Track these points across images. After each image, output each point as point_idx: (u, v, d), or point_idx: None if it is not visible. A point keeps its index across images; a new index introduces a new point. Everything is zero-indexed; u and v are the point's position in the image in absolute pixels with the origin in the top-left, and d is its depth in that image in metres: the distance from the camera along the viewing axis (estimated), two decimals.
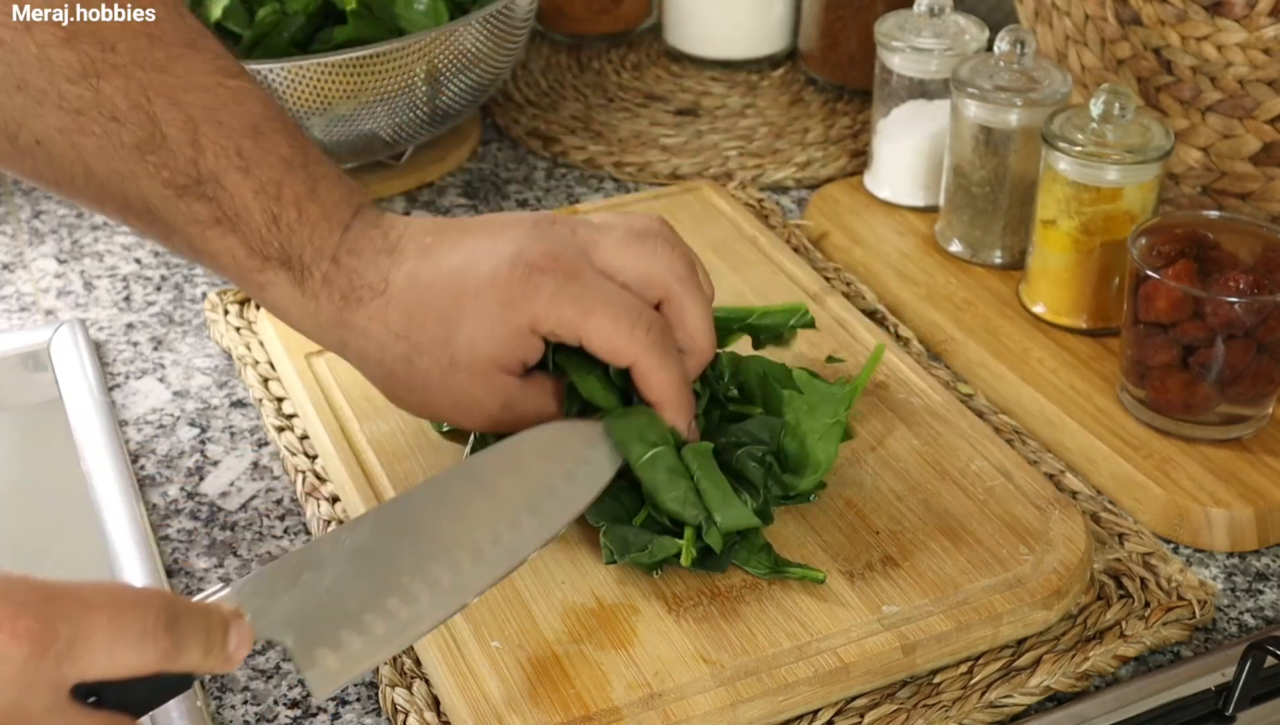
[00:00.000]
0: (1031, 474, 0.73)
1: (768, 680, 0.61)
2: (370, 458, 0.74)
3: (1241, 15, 0.85)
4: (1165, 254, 0.77)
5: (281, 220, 0.65)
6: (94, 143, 0.64)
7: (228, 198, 0.64)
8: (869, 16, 1.12)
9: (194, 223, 0.65)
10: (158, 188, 0.64)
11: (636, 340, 0.64)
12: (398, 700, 0.63)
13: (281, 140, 0.66)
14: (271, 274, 0.65)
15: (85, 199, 0.67)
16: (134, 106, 0.64)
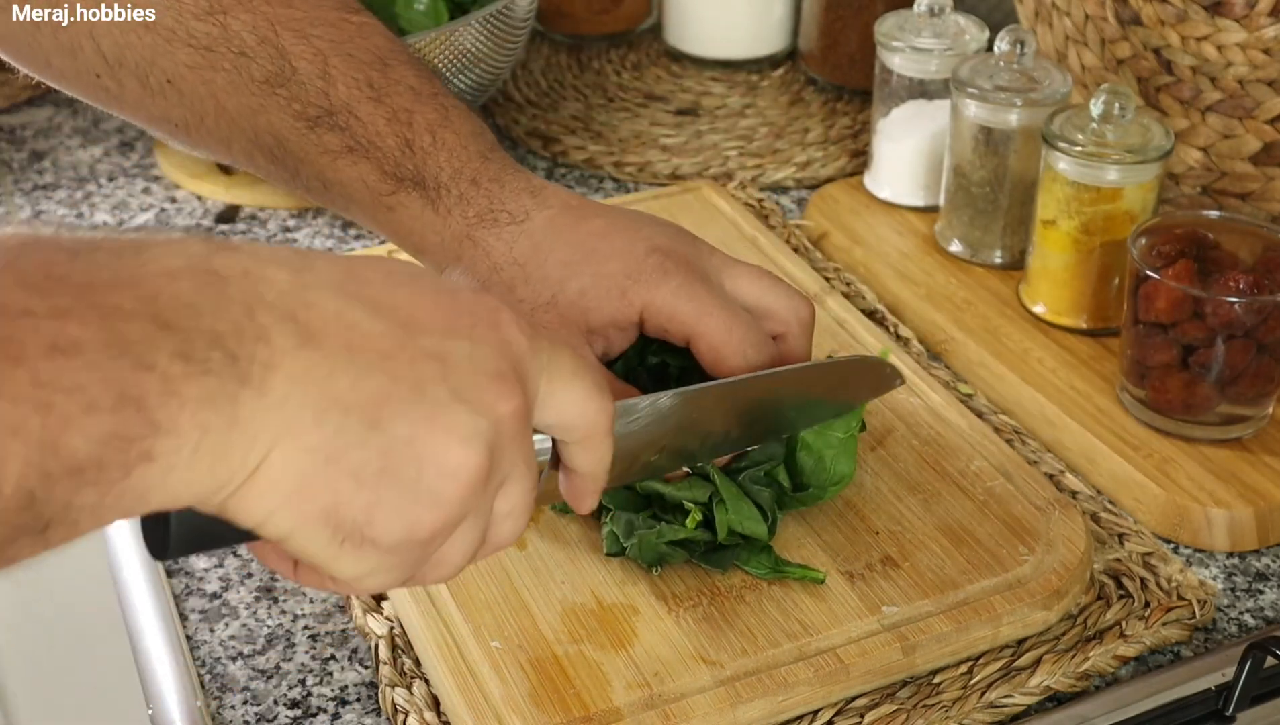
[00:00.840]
0: (1031, 474, 0.73)
1: (767, 680, 0.61)
2: None
3: (1241, 15, 0.85)
4: (1165, 254, 0.77)
5: (415, 145, 0.66)
6: (224, 78, 0.65)
7: (360, 126, 0.65)
8: (869, 16, 1.12)
9: (325, 153, 0.66)
10: (289, 120, 0.65)
11: (743, 355, 0.65)
12: (398, 700, 0.63)
13: (409, 72, 0.67)
14: (404, 196, 0.66)
15: (214, 139, 0.68)
16: (262, 41, 0.65)
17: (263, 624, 0.69)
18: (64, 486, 0.37)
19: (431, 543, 0.46)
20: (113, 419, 0.38)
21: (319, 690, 0.65)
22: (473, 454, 0.45)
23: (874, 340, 0.83)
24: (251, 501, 0.42)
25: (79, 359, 0.37)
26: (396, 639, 0.66)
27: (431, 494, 0.45)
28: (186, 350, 0.39)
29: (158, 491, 0.40)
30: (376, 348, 0.44)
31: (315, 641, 0.68)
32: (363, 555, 0.45)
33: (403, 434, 0.44)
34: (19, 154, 1.10)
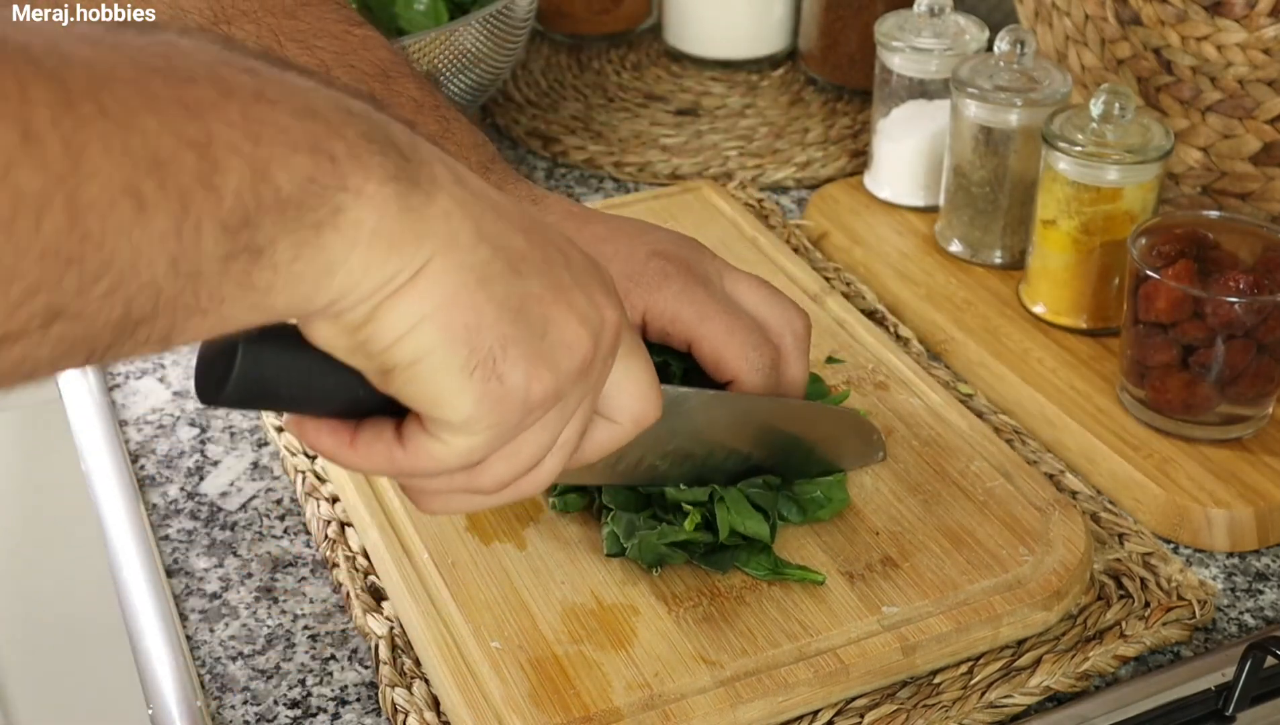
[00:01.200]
0: (1031, 474, 0.73)
1: (767, 681, 0.61)
2: None
3: (1241, 15, 0.85)
4: (1165, 254, 0.77)
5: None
6: None
7: None
8: (869, 16, 1.12)
9: None
10: None
11: (745, 358, 0.65)
12: (398, 700, 0.63)
13: (410, 84, 0.67)
14: None
15: None
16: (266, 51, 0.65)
17: (263, 624, 0.69)
18: (271, 220, 0.39)
19: (535, 408, 0.48)
20: (311, 163, 0.40)
21: (319, 690, 0.65)
22: (586, 336, 0.49)
23: (874, 340, 0.83)
24: (407, 305, 0.44)
25: (281, 109, 0.40)
26: (396, 639, 0.66)
27: (552, 355, 0.48)
28: (370, 134, 0.42)
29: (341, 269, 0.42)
30: (517, 217, 0.48)
31: (315, 641, 0.68)
32: (485, 391, 0.46)
33: (537, 291, 0.47)
34: None
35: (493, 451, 0.49)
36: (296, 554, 0.73)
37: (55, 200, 0.35)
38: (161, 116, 0.37)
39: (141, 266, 0.37)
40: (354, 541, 0.72)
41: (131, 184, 0.36)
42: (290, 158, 0.40)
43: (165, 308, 0.38)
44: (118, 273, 0.37)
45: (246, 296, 0.40)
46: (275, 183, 0.39)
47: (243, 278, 0.40)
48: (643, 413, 0.55)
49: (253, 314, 0.41)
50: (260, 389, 0.46)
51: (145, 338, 0.39)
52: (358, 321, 0.44)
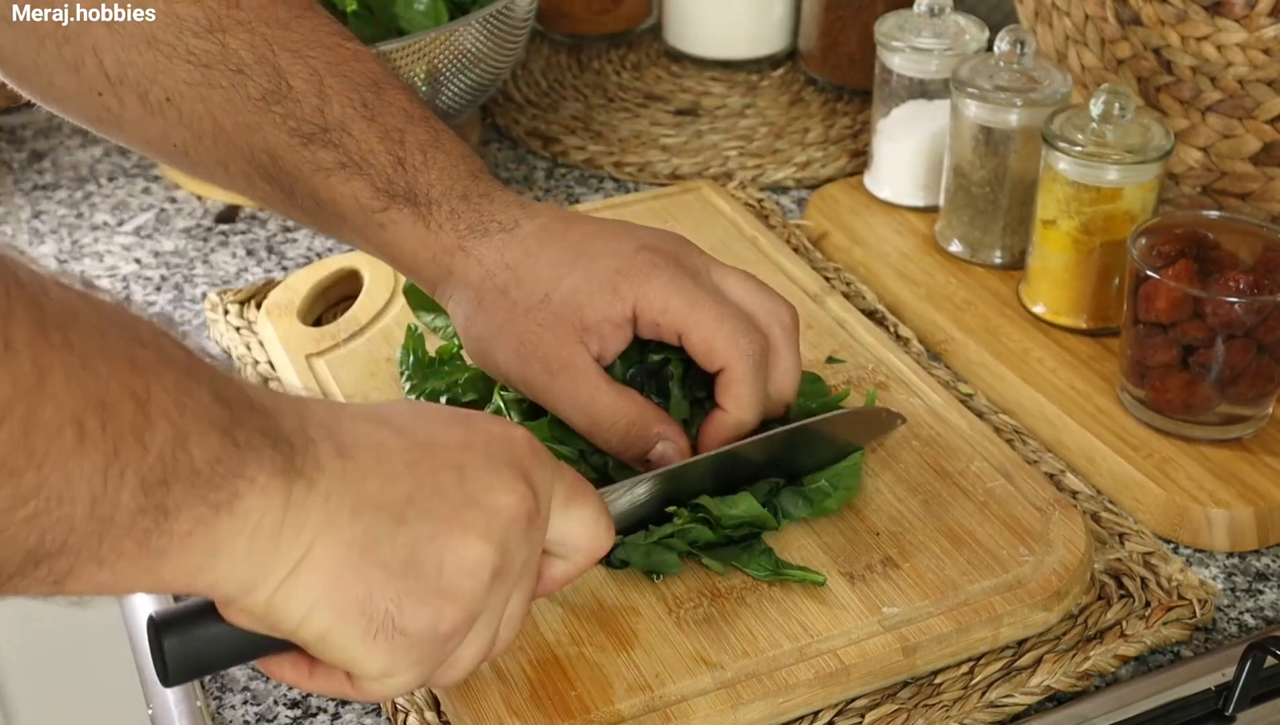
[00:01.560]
0: (1031, 474, 0.73)
1: (768, 682, 0.61)
2: None
3: (1241, 15, 0.85)
4: (1165, 254, 0.77)
5: (407, 163, 0.67)
6: (221, 95, 0.66)
7: (353, 143, 0.67)
8: (869, 16, 1.12)
9: (319, 170, 0.67)
10: (284, 137, 0.66)
11: (736, 346, 0.66)
12: (398, 700, 0.63)
13: (400, 96, 0.69)
14: (395, 212, 0.67)
15: (212, 160, 0.68)
16: (260, 60, 0.66)
17: None
18: (182, 488, 0.43)
19: (452, 638, 0.51)
20: (219, 444, 0.44)
21: None
22: (489, 549, 0.51)
23: (874, 340, 0.83)
24: (298, 593, 0.47)
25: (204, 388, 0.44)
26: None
27: (453, 587, 0.50)
28: (265, 427, 0.46)
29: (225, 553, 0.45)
30: (401, 459, 0.50)
31: None
32: (393, 648, 0.50)
33: (426, 531, 0.50)
34: (19, 154, 1.10)
35: (429, 677, 0.53)
36: None
37: (16, 412, 0.38)
38: (113, 365, 0.41)
39: (66, 498, 0.40)
40: None
41: (79, 416, 0.40)
42: (206, 435, 0.43)
43: (72, 548, 0.41)
44: (45, 498, 0.39)
45: (140, 558, 0.43)
46: (191, 454, 0.43)
47: (143, 538, 0.42)
48: (594, 549, 0.57)
49: (142, 579, 0.44)
50: (202, 662, 0.51)
51: (45, 575, 0.41)
52: (259, 610, 0.48)
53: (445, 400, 0.75)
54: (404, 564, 0.49)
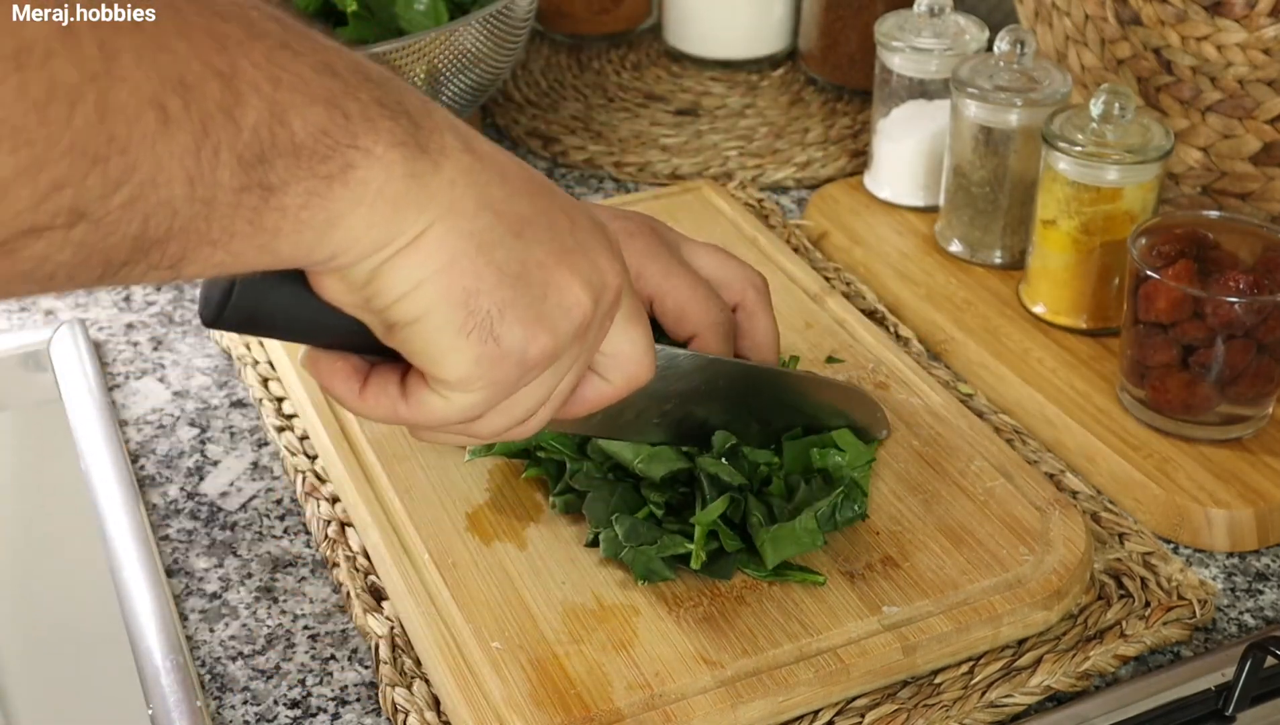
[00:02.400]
0: (1031, 474, 0.73)
1: (768, 681, 0.61)
2: (370, 458, 0.74)
3: (1241, 15, 0.85)
4: (1165, 254, 0.77)
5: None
6: None
7: None
8: (869, 16, 1.12)
9: None
10: None
11: (707, 313, 0.67)
12: (398, 700, 0.63)
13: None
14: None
15: None
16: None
17: (263, 624, 0.69)
18: (285, 162, 0.42)
19: (532, 369, 0.51)
20: (325, 115, 0.42)
21: (319, 690, 0.65)
22: (586, 298, 0.52)
23: (874, 340, 0.83)
24: (408, 267, 0.46)
25: (303, 61, 0.42)
26: (397, 639, 0.66)
27: (550, 318, 0.51)
28: (383, 99, 0.44)
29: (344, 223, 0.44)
30: (523, 184, 0.50)
31: (315, 641, 0.68)
32: (481, 353, 0.49)
33: (538, 256, 0.50)
34: None
35: (490, 407, 0.52)
36: (296, 554, 0.73)
37: (88, 96, 0.37)
38: (192, 42, 0.39)
39: (161, 181, 0.39)
40: (354, 541, 0.72)
41: (158, 98, 0.38)
42: (307, 108, 0.42)
43: (179, 232, 0.40)
44: (138, 183, 0.38)
45: (255, 236, 0.42)
46: (291, 128, 0.41)
47: (253, 216, 0.41)
48: (635, 374, 0.58)
49: (259, 256, 0.43)
50: (257, 318, 0.49)
51: (158, 261, 0.41)
52: (362, 279, 0.47)
53: None
54: (515, 276, 0.49)
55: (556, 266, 0.51)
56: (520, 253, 0.49)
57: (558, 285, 0.51)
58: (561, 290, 0.51)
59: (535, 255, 0.50)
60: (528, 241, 0.50)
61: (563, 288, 0.51)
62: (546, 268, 0.50)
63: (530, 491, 0.72)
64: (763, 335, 0.70)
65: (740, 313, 0.70)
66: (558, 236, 0.51)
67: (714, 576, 0.66)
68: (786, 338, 0.83)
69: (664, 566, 0.66)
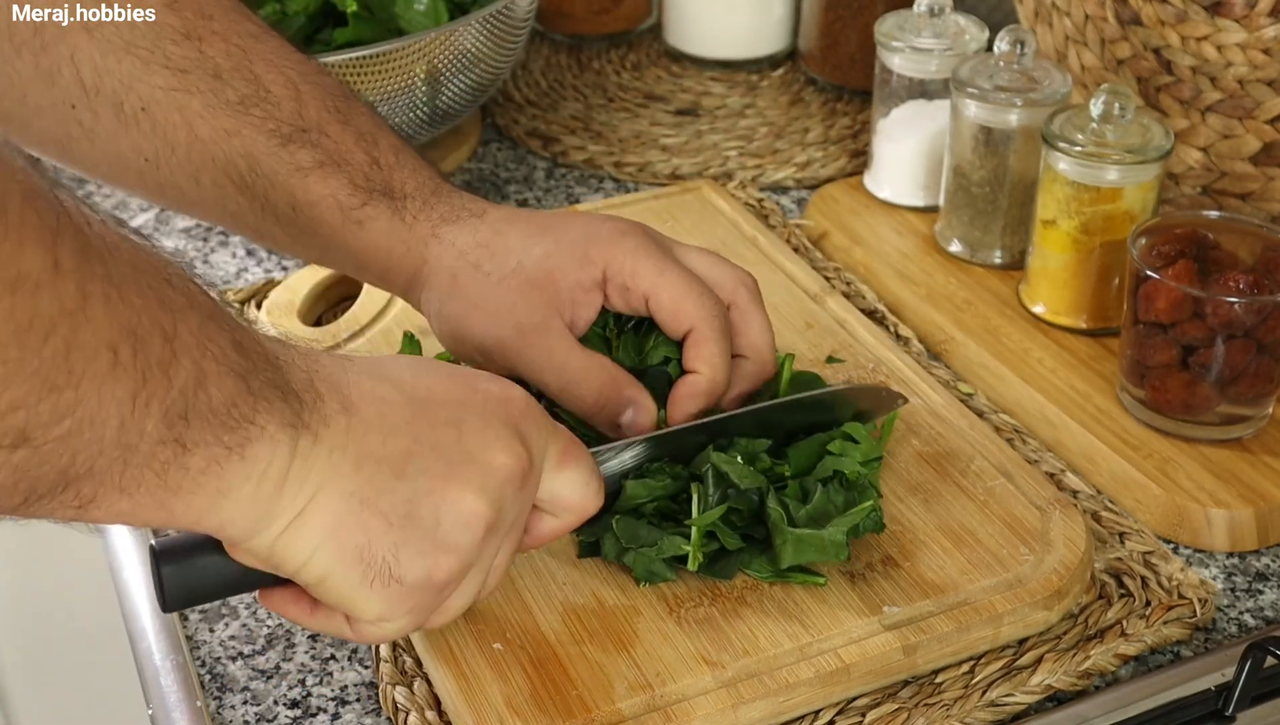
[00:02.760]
0: (1032, 474, 0.73)
1: (769, 681, 0.61)
2: None
3: (1241, 15, 0.85)
4: (1165, 254, 0.77)
5: (381, 162, 0.69)
6: (199, 101, 0.67)
7: (331, 143, 0.68)
8: (869, 16, 1.12)
9: (298, 170, 0.68)
10: (262, 139, 0.67)
11: (702, 307, 0.68)
12: (399, 699, 0.63)
13: (365, 106, 0.72)
14: (372, 208, 0.69)
15: (183, 173, 0.69)
16: (236, 67, 0.67)
17: (263, 624, 0.69)
18: (200, 425, 0.46)
19: (446, 587, 0.54)
20: (235, 389, 0.47)
21: (319, 690, 0.65)
22: (484, 505, 0.54)
23: (874, 340, 0.83)
24: (300, 539, 0.51)
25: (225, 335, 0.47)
26: (397, 639, 0.66)
27: (449, 539, 0.53)
28: (276, 380, 0.49)
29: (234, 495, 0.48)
30: (401, 415, 0.53)
31: (315, 641, 0.68)
32: (388, 594, 0.53)
33: (424, 485, 0.53)
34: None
35: (422, 623, 0.56)
36: None
37: (60, 329, 0.41)
38: (145, 299, 0.44)
39: (98, 420, 0.43)
40: None
41: (113, 343, 0.43)
42: (224, 378, 0.47)
43: (98, 473, 0.44)
44: (79, 418, 0.42)
45: (157, 491, 0.46)
46: (209, 394, 0.46)
47: (161, 470, 0.45)
48: (582, 508, 0.60)
49: (156, 512, 0.47)
50: (199, 591, 0.55)
51: (72, 498, 0.44)
52: (264, 553, 0.51)
53: None
54: (403, 516, 0.52)
55: (445, 489, 0.53)
56: (405, 492, 0.52)
57: (450, 505, 0.53)
58: (455, 507, 0.53)
59: (421, 487, 0.53)
60: (411, 477, 0.52)
61: (455, 504, 0.53)
62: (435, 493, 0.53)
63: None
64: (758, 333, 0.71)
65: (734, 312, 0.71)
66: (443, 455, 0.53)
67: (715, 577, 0.66)
68: (787, 338, 0.83)
69: (665, 568, 0.66)
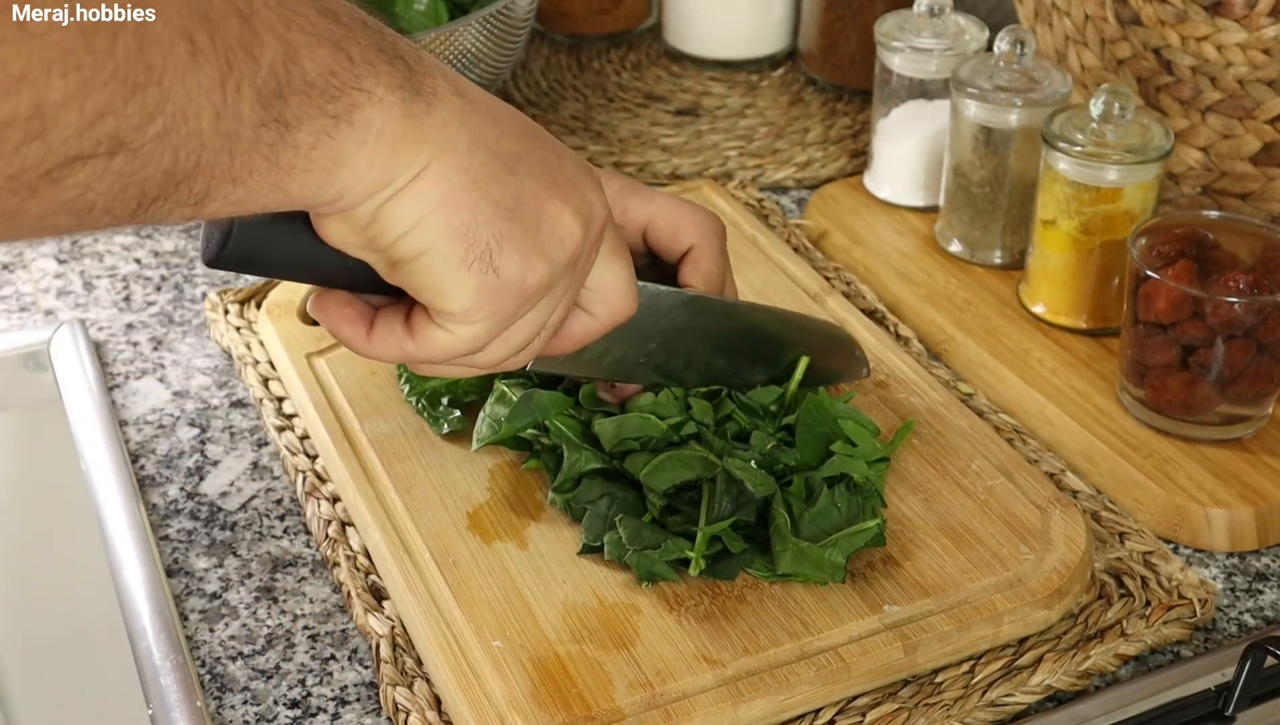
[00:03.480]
0: (1032, 473, 0.73)
1: (769, 680, 0.61)
2: (371, 458, 0.74)
3: (1241, 15, 0.85)
4: (1165, 254, 0.77)
5: None
6: None
7: None
8: (869, 16, 1.12)
9: None
10: None
11: (699, 221, 0.69)
12: (399, 699, 0.63)
13: None
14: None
15: None
16: None
17: (263, 624, 0.69)
18: (299, 100, 0.45)
19: (530, 297, 0.54)
20: (332, 57, 0.45)
21: (319, 690, 0.65)
22: (577, 228, 0.55)
23: (874, 339, 0.83)
24: (408, 205, 0.49)
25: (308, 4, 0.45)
26: (398, 638, 0.66)
27: (545, 247, 0.54)
28: (380, 44, 0.48)
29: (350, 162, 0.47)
30: (514, 124, 0.53)
31: (315, 641, 0.68)
32: (482, 283, 0.52)
33: (530, 189, 0.53)
34: None
35: (493, 338, 0.55)
36: (296, 554, 0.73)
37: (127, 26, 0.39)
38: None
39: (191, 113, 0.41)
40: (355, 541, 0.72)
41: (188, 30, 0.41)
42: (316, 49, 0.45)
43: (205, 166, 0.43)
44: (171, 114, 0.41)
45: (270, 173, 0.45)
46: (303, 67, 0.44)
47: (270, 152, 0.44)
48: (619, 308, 0.61)
49: (271, 193, 0.46)
50: (254, 257, 0.52)
51: (185, 196, 0.43)
52: (365, 220, 0.49)
53: (447, 402, 0.75)
54: (510, 209, 0.52)
55: (548, 199, 0.54)
56: (514, 187, 0.52)
57: (550, 216, 0.54)
58: (554, 221, 0.54)
59: (528, 189, 0.53)
60: (520, 176, 0.53)
61: (555, 218, 0.54)
62: (539, 200, 0.53)
63: (531, 491, 0.72)
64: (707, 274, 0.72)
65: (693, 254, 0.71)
66: (548, 171, 0.54)
67: (718, 578, 0.66)
68: None
69: (667, 569, 0.66)
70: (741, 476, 0.66)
